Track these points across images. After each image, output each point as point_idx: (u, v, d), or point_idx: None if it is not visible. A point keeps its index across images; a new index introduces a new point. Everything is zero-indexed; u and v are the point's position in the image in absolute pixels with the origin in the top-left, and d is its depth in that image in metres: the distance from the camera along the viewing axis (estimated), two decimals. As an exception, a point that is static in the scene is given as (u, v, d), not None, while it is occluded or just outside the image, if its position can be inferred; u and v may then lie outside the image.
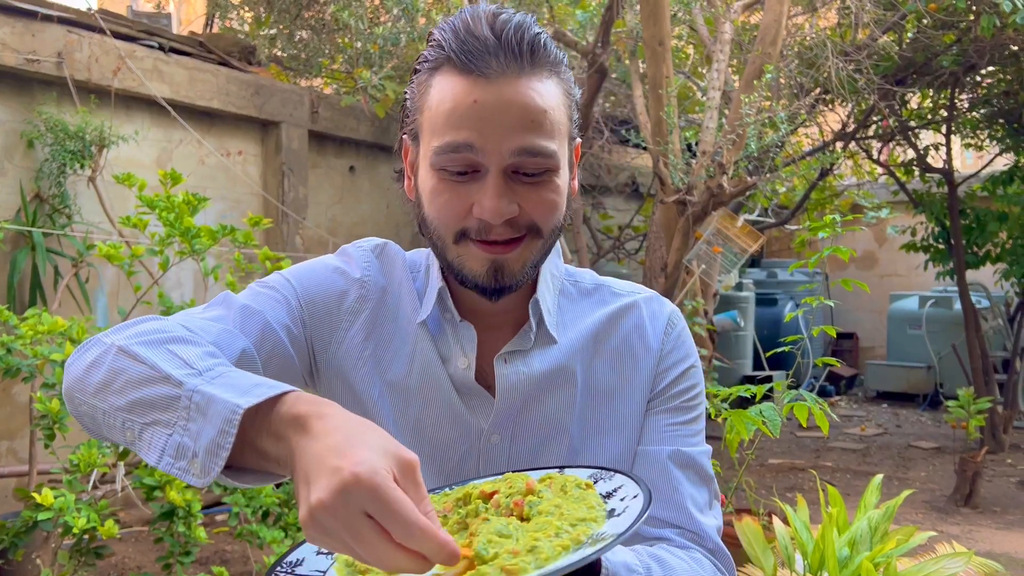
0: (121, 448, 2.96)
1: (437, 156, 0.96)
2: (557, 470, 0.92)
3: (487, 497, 0.87)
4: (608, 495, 0.84)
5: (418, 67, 1.03)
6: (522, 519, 0.82)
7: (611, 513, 0.79)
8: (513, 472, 0.92)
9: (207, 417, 0.76)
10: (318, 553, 0.86)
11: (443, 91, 0.97)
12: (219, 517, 4.50)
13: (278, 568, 0.83)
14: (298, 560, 0.85)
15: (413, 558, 0.67)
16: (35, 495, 2.68)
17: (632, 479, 0.84)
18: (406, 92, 1.07)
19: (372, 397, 1.05)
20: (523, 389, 1.04)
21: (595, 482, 0.87)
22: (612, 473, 0.88)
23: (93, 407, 0.86)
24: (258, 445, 0.76)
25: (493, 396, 1.04)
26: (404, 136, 1.06)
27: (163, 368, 0.82)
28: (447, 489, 0.95)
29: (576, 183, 1.08)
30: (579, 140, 1.08)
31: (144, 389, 0.82)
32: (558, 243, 1.10)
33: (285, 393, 0.76)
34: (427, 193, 0.99)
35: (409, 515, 0.66)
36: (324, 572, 0.82)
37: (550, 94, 0.97)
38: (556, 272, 1.12)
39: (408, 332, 1.07)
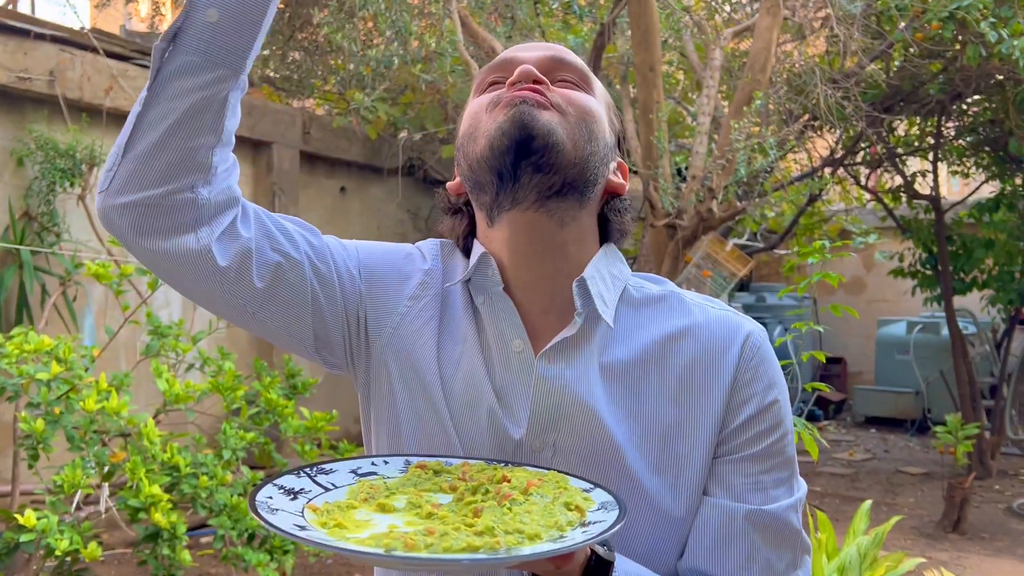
0: (106, 469, 2.93)
1: (477, 83, 1.03)
2: (590, 485, 0.86)
3: (503, 481, 0.86)
4: (587, 524, 0.79)
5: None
6: None
7: (559, 538, 0.75)
8: (559, 472, 0.89)
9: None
10: (350, 471, 0.90)
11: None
12: (204, 540, 4.45)
13: (306, 468, 0.88)
14: (331, 469, 0.90)
15: None
16: (17, 516, 2.65)
17: (610, 530, 0.76)
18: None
19: (433, 379, 0.99)
20: (563, 396, 0.94)
21: (598, 509, 0.81)
22: (616, 508, 0.80)
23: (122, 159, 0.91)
24: None
25: None
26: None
27: None
28: (499, 464, 0.92)
29: (625, 184, 1.05)
30: (623, 161, 1.08)
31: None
32: (619, 253, 1.05)
33: None
34: (465, 116, 1.02)
35: None
36: (336, 487, 0.87)
37: (582, 61, 1.05)
38: (619, 275, 1.02)
39: (460, 328, 1.01)
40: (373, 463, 0.92)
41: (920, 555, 4.27)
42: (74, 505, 3.08)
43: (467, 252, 1.05)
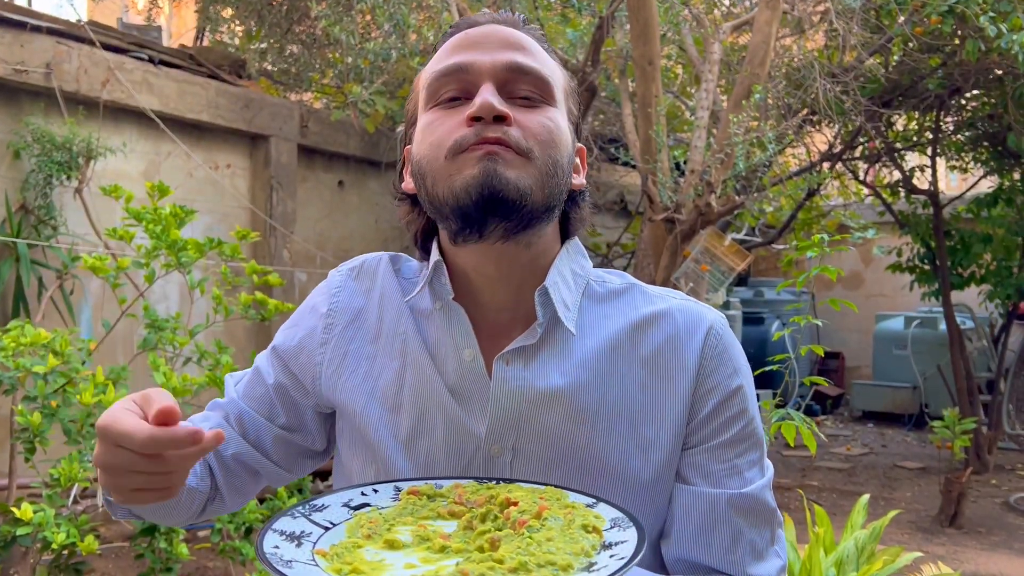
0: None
1: (430, 89, 0.96)
2: (592, 500, 0.86)
3: (509, 504, 0.85)
4: (608, 545, 0.78)
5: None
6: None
7: (590, 566, 0.74)
8: (555, 487, 0.89)
9: None
10: (343, 505, 0.89)
11: (438, 53, 0.99)
12: (201, 533, 4.45)
13: (299, 507, 0.87)
14: (323, 505, 0.88)
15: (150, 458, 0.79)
16: (14, 509, 2.64)
17: (636, 551, 0.75)
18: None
19: (368, 419, 1.00)
20: (523, 395, 0.94)
21: (611, 527, 0.80)
22: (630, 525, 0.80)
23: None
24: None
25: None
26: (407, 148, 1.02)
27: None
28: (491, 483, 0.91)
29: (583, 179, 1.03)
30: (582, 146, 1.05)
31: None
32: (581, 246, 1.05)
33: None
34: (421, 135, 0.95)
35: (118, 424, 0.79)
36: (335, 524, 0.85)
37: (540, 50, 0.98)
38: (581, 272, 1.02)
39: (395, 344, 1.01)
40: (363, 493, 0.91)
41: (917, 549, 4.28)
42: (71, 498, 3.07)
43: (426, 251, 1.04)
